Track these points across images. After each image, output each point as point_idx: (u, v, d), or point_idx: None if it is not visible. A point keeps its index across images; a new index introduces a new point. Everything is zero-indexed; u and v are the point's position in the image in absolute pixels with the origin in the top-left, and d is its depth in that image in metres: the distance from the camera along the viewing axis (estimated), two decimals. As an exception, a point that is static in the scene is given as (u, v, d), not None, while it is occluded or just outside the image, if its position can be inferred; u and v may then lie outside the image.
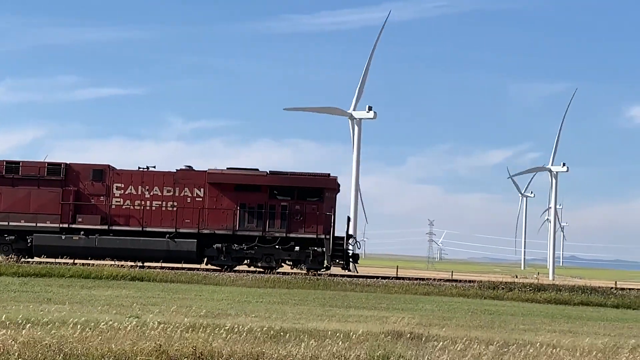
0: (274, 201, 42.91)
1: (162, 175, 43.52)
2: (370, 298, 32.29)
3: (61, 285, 30.86)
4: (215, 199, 43.12)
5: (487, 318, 25.88)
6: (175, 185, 43.30)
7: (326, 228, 42.68)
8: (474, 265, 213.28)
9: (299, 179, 43.28)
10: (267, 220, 42.75)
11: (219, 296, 28.98)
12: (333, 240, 42.61)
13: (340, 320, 22.18)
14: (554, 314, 29.61)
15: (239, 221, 42.84)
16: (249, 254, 42.76)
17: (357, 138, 70.48)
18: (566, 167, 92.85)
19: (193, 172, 43.87)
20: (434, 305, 29.86)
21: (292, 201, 42.93)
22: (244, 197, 43.04)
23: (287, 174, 43.50)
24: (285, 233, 42.52)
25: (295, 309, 25.16)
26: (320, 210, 42.83)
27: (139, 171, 43.76)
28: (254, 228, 42.74)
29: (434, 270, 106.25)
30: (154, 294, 28.51)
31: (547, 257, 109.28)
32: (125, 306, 23.17)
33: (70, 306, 22.08)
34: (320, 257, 42.66)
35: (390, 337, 17.62)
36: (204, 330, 16.41)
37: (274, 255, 42.67)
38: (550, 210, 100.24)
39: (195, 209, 42.81)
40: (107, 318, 18.02)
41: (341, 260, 42.90)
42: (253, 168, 43.82)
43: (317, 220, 42.68)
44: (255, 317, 21.55)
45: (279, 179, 43.22)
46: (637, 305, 35.90)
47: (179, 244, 42.35)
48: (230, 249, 42.61)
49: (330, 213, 42.97)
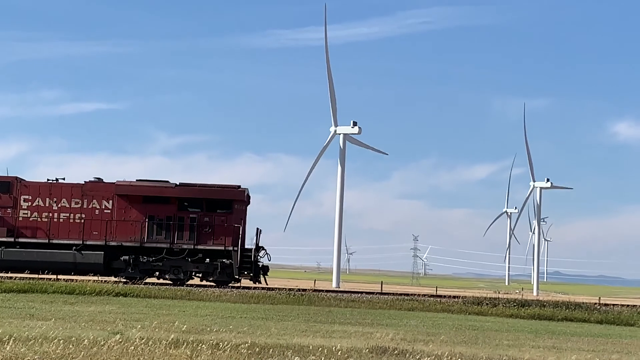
0: (182, 213, 42.97)
1: (71, 187, 43.50)
2: (354, 313, 32.22)
3: (44, 301, 30.67)
4: (124, 211, 43.12)
5: (472, 334, 25.86)
6: (83, 197, 43.25)
7: (235, 240, 42.62)
8: (458, 280, 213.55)
9: (208, 190, 43.33)
10: (175, 232, 42.79)
11: (202, 312, 28.86)
12: (241, 252, 42.58)
13: (324, 336, 22.12)
14: (538, 329, 29.62)
15: (147, 233, 42.87)
16: (157, 266, 42.79)
17: (342, 153, 70.68)
18: (550, 183, 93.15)
19: (101, 184, 43.81)
20: (418, 321, 29.83)
21: (201, 213, 42.97)
22: (152, 209, 43.04)
23: (196, 186, 43.59)
24: (194, 245, 42.56)
25: (279, 325, 25.09)
26: (230, 222, 42.80)
27: (47, 183, 43.67)
28: (162, 240, 42.80)
29: (418, 285, 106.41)
30: (137, 310, 28.36)
31: (531, 272, 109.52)
32: (109, 322, 23.04)
33: (53, 322, 21.92)
34: (228, 269, 42.69)
35: (375, 353, 17.59)
36: (188, 346, 16.34)
37: (182, 268, 42.75)
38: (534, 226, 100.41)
39: (103, 221, 42.84)
40: (91, 334, 17.92)
41: (250, 272, 42.87)
42: (163, 180, 43.72)
43: (226, 232, 42.69)
44: (239, 332, 21.46)
45: (187, 191, 43.25)
46: (620, 321, 35.94)
47: (86, 256, 42.31)
48: (138, 261, 42.61)
49: (239, 225, 42.88)
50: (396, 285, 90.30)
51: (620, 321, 35.89)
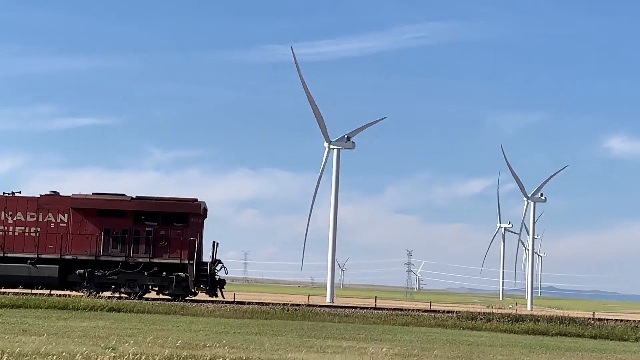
0: (139, 226, 42.98)
1: (26, 201, 43.41)
2: (348, 328, 32.18)
3: (37, 317, 30.58)
4: (80, 225, 43.04)
5: (466, 349, 25.85)
6: (39, 211, 43.18)
7: (191, 253, 42.55)
8: (452, 295, 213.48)
9: (164, 204, 43.37)
10: (131, 245, 42.75)
11: (196, 327, 28.80)
12: (197, 266, 42.56)
13: (318, 351, 22.09)
14: (532, 344, 29.62)
15: (102, 247, 42.85)
16: (113, 280, 42.71)
17: (336, 168, 70.76)
18: (544, 197, 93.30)
19: (57, 197, 43.73)
20: (412, 336, 29.81)
21: (158, 226, 42.98)
22: (108, 223, 43.03)
23: (152, 199, 43.57)
24: (149, 258, 42.57)
25: (273, 340, 25.05)
26: (186, 235, 42.78)
27: (2, 197, 43.59)
28: (118, 253, 42.78)
29: (412, 300, 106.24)
30: (131, 325, 28.30)
31: (525, 287, 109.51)
32: (102, 337, 22.98)
33: (46, 337, 21.87)
34: (184, 282, 42.67)
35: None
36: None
37: (138, 281, 42.72)
38: (528, 241, 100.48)
39: (58, 235, 42.75)
40: (84, 349, 17.87)
41: (206, 285, 42.85)
42: (119, 193, 43.69)
43: (182, 245, 42.69)
44: (233, 348, 21.42)
45: (143, 204, 43.26)
46: (615, 336, 35.92)
47: (40, 269, 42.24)
48: (93, 275, 42.53)
49: (196, 238, 42.84)
50: (390, 300, 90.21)
51: (615, 336, 35.88)
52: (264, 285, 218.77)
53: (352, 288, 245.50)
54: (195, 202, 43.64)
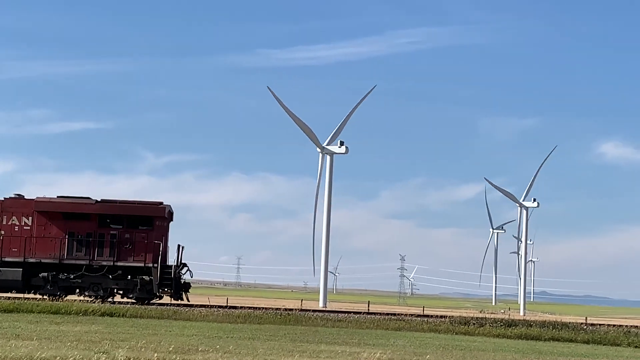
0: (103, 229, 42.95)
1: None
2: (341, 333, 32.15)
3: (29, 321, 30.48)
4: (44, 228, 43.02)
5: (459, 354, 25.85)
6: (3, 214, 43.14)
7: (155, 256, 42.52)
8: (445, 300, 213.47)
9: (129, 207, 43.32)
10: (95, 248, 42.72)
11: (189, 332, 28.75)
12: (162, 269, 42.49)
13: (311, 356, 22.07)
14: (525, 349, 29.63)
15: (67, 250, 42.78)
16: (77, 283, 42.64)
17: (329, 172, 70.64)
18: (537, 203, 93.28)
19: (21, 200, 43.69)
20: (405, 341, 29.80)
21: (122, 229, 42.99)
22: (73, 226, 42.98)
23: (116, 202, 43.53)
24: (113, 262, 42.54)
25: (266, 345, 25.01)
26: (150, 238, 42.74)
27: None
28: (82, 257, 42.75)
29: (405, 305, 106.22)
30: (123, 330, 28.24)
31: (518, 292, 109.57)
32: (95, 342, 22.93)
33: (38, 342, 21.81)
34: (148, 286, 42.65)
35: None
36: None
37: (102, 284, 42.70)
38: (521, 246, 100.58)
39: (22, 238, 42.65)
40: (76, 354, 17.83)
41: (170, 289, 42.77)
42: (84, 196, 43.64)
43: (147, 248, 42.70)
44: (225, 352, 21.39)
45: (108, 207, 43.25)
46: (607, 341, 35.98)
47: (4, 272, 42.16)
48: (57, 278, 42.42)
49: (160, 241, 42.79)
50: (383, 305, 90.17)
51: (607, 341, 35.94)
52: (257, 290, 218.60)
53: (345, 293, 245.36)
54: (160, 206, 43.54)
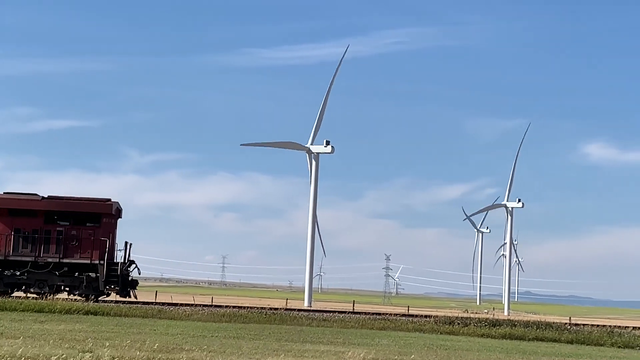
0: (50, 226, 42.88)
1: None
2: (326, 333, 32.16)
3: (13, 319, 30.36)
4: None
5: (443, 353, 25.90)
6: None
7: (102, 253, 42.52)
8: (430, 300, 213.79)
9: (76, 204, 43.25)
10: (41, 245, 42.60)
11: (173, 330, 28.70)
12: (108, 266, 42.47)
13: (296, 355, 22.07)
14: (509, 349, 29.72)
15: (12, 246, 42.65)
16: (22, 280, 42.52)
17: (315, 172, 70.63)
18: (521, 203, 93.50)
19: None
20: (390, 340, 29.83)
21: (69, 226, 42.87)
22: (19, 222, 42.88)
23: (63, 199, 43.39)
24: (59, 258, 42.48)
25: (251, 344, 24.99)
26: (97, 235, 42.69)
27: None
28: (28, 253, 42.64)
29: (390, 305, 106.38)
30: (107, 328, 28.16)
31: (502, 292, 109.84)
32: (79, 340, 22.84)
33: (22, 340, 21.71)
34: (94, 282, 42.57)
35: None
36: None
37: (48, 281, 42.61)
38: (506, 246, 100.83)
39: None
40: (60, 352, 17.76)
41: (117, 285, 42.71)
42: (30, 193, 43.56)
43: (93, 245, 42.66)
44: (210, 352, 21.36)
45: (55, 204, 43.15)
46: (591, 341, 36.13)
47: None
48: (3, 275, 42.39)
49: (107, 238, 42.74)
50: (368, 304, 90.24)
51: (591, 341, 36.09)
52: (242, 289, 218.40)
53: (330, 292, 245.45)
54: (107, 202, 43.47)
